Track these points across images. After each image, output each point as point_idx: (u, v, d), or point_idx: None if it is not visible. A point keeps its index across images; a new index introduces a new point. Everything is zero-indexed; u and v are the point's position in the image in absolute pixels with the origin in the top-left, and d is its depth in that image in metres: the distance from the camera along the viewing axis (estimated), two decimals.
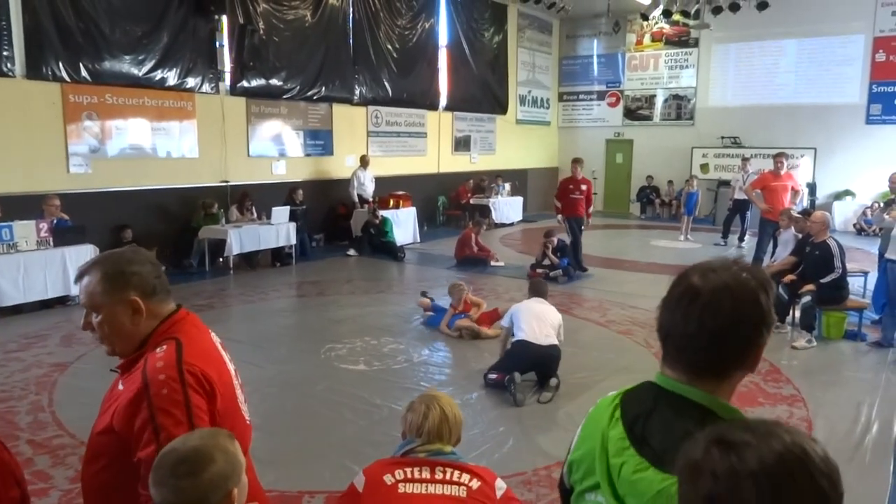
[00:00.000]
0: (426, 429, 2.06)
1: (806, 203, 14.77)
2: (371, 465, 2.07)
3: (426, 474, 1.96)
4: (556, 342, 5.55)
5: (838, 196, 16.19)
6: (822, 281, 6.78)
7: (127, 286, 1.76)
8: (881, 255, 7.39)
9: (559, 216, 10.53)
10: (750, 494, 0.85)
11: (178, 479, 1.42)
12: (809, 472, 0.87)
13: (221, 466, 1.46)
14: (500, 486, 2.02)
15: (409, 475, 1.96)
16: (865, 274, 8.71)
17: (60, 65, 8.94)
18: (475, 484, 1.96)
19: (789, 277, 7.11)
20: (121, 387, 1.77)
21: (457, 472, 1.98)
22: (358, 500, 1.99)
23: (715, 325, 1.18)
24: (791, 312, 7.23)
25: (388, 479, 1.97)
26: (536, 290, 6.04)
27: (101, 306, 1.75)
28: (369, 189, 12.73)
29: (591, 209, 10.67)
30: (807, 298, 6.80)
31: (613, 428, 1.26)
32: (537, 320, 5.58)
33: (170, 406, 1.62)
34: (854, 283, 8.50)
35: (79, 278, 1.79)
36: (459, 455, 2.06)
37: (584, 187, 10.44)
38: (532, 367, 5.48)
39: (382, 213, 12.13)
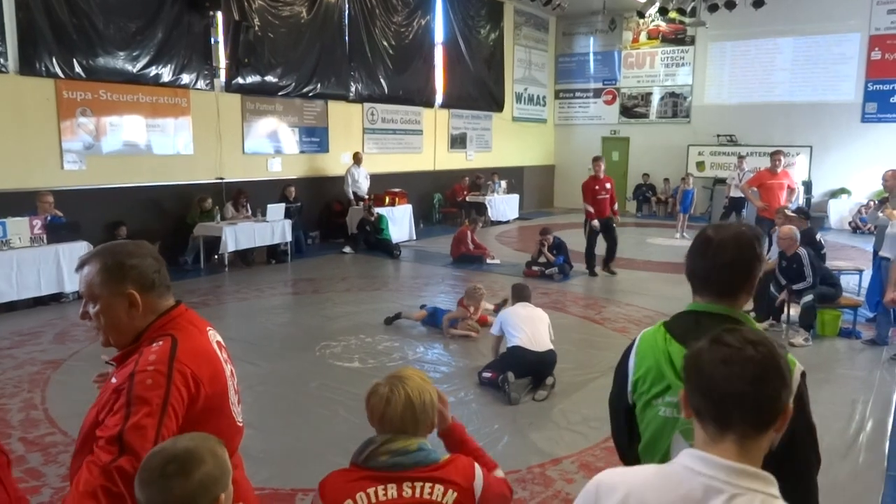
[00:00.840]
0: (388, 417, 1.82)
1: (801, 201, 14.80)
2: (328, 481, 1.81)
3: (393, 493, 1.73)
4: (551, 347, 5.53)
5: (834, 194, 16.23)
6: (794, 287, 6.89)
7: (125, 279, 1.75)
8: (875, 253, 7.41)
9: (594, 222, 9.95)
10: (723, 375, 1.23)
11: (167, 478, 1.40)
12: (767, 366, 1.23)
13: (211, 470, 1.44)
14: (478, 481, 1.83)
15: (373, 499, 1.72)
16: (860, 272, 8.73)
17: (54, 60, 8.90)
18: (451, 498, 1.75)
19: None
20: (114, 380, 1.75)
21: (428, 486, 1.74)
22: None
23: (724, 260, 1.74)
24: (787, 311, 7.25)
25: None
26: (521, 296, 5.95)
27: (98, 297, 1.75)
28: (364, 186, 12.71)
29: (615, 206, 10.34)
30: (808, 298, 6.81)
31: (671, 345, 1.75)
32: (530, 325, 5.52)
33: (148, 394, 1.60)
34: (849, 281, 8.53)
35: (79, 267, 1.79)
36: (429, 451, 1.81)
37: (608, 186, 10.05)
38: (529, 372, 5.44)
39: (378, 210, 12.11)
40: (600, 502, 1.30)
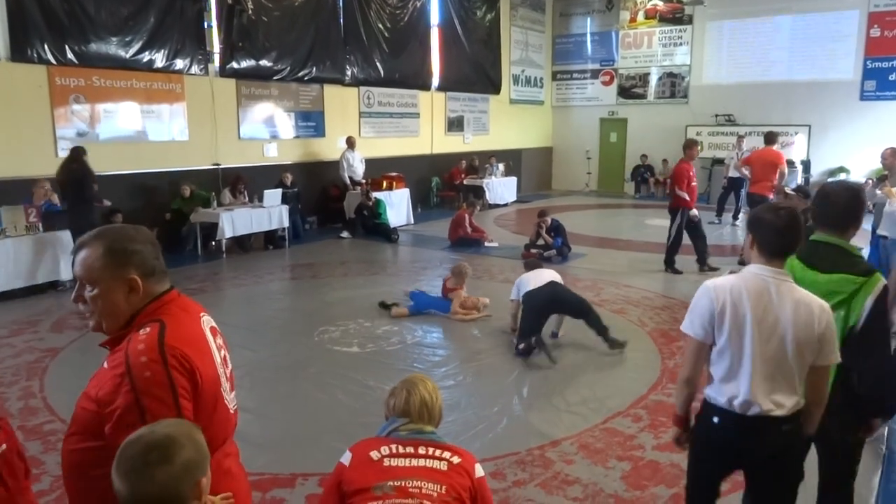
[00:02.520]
0: (408, 413, 2.19)
1: (800, 180, 14.77)
2: (357, 444, 2.18)
3: (410, 450, 2.12)
4: (555, 278, 5.99)
5: (832, 173, 16.16)
6: None
7: (128, 264, 1.73)
8: (873, 231, 7.39)
9: (693, 211, 8.81)
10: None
11: (149, 466, 1.39)
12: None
13: (192, 455, 1.44)
14: (479, 470, 2.16)
15: (393, 451, 2.11)
16: (859, 251, 8.71)
17: (46, 47, 8.80)
18: (455, 459, 2.11)
19: None
20: (105, 365, 1.74)
21: (439, 450, 2.13)
22: (343, 473, 2.11)
23: (838, 206, 2.66)
24: None
25: (374, 454, 2.11)
26: (533, 266, 6.47)
27: (98, 280, 1.72)
28: (359, 170, 12.65)
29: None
30: None
31: (793, 260, 2.58)
32: (536, 277, 5.98)
33: (154, 388, 1.60)
34: None
35: (78, 249, 1.75)
36: (439, 437, 2.20)
37: (692, 172, 9.14)
38: (551, 310, 5.85)
39: (376, 195, 12.06)
40: (717, 295, 2.30)
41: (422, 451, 2.12)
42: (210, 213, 10.01)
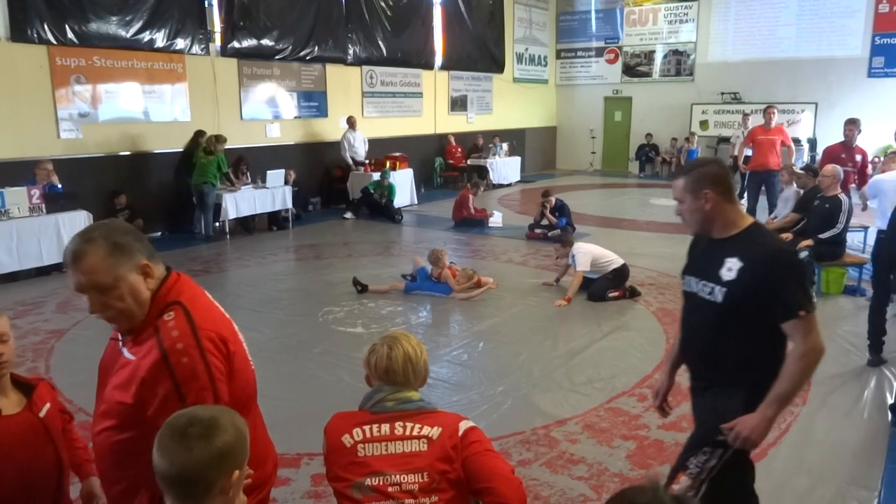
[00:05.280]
0: (392, 370, 2.02)
1: (806, 158, 14.66)
2: (330, 422, 2.03)
3: (386, 430, 1.93)
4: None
5: None
6: (821, 237, 6.71)
7: (134, 252, 1.71)
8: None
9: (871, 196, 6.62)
10: None
11: (189, 438, 1.37)
12: None
13: (233, 441, 1.42)
14: (465, 424, 1.97)
15: (367, 434, 1.93)
16: (865, 229, 8.65)
17: (46, 27, 8.73)
18: (435, 433, 1.92)
19: (786, 236, 7.05)
20: (129, 355, 1.72)
21: (417, 426, 1.94)
22: (324, 458, 2.01)
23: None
24: None
25: (346, 440, 1.94)
26: (571, 241, 7.30)
27: (117, 280, 1.67)
28: (361, 151, 12.58)
29: (864, 189, 7.74)
30: (804, 254, 6.74)
31: None
32: (598, 248, 7.14)
33: (193, 374, 1.64)
34: (854, 238, 8.46)
35: (75, 261, 1.65)
36: (427, 402, 2.02)
37: (858, 158, 8.06)
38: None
39: (389, 179, 11.86)
40: (881, 186, 4.58)
41: (398, 430, 1.93)
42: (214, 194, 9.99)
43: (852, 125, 8.42)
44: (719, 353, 2.39)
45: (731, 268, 2.30)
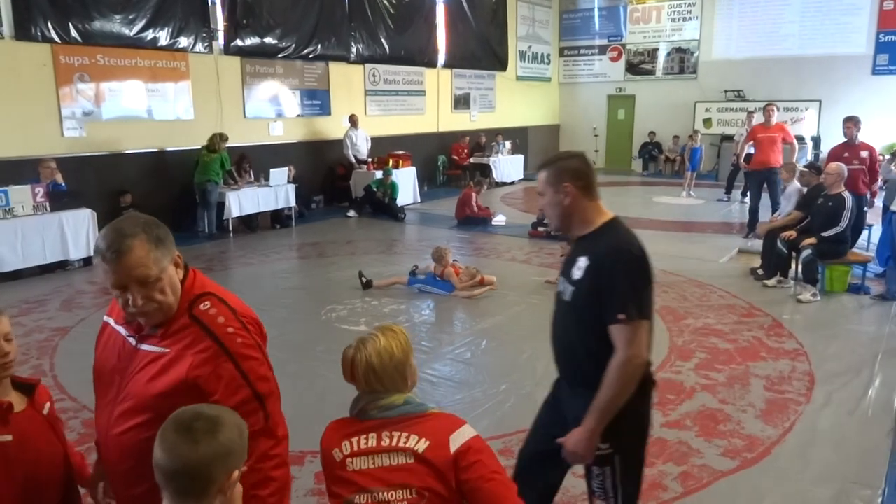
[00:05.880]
0: (356, 378, 1.94)
1: (810, 156, 14.61)
2: (323, 434, 1.97)
3: (373, 442, 1.85)
4: None
5: None
6: (824, 235, 6.69)
7: (170, 244, 1.74)
8: (886, 208, 7.31)
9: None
10: None
11: (194, 432, 1.37)
12: None
13: (236, 440, 1.42)
14: (459, 437, 1.83)
15: (355, 448, 1.86)
16: (869, 227, 8.64)
17: (49, 25, 8.74)
18: (422, 446, 1.81)
19: (789, 234, 7.03)
20: (158, 349, 1.70)
21: (404, 436, 1.84)
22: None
23: None
24: (794, 266, 7.17)
25: (336, 454, 1.88)
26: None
27: (162, 271, 1.69)
28: (363, 149, 12.57)
29: (875, 185, 8.12)
30: (807, 252, 6.73)
31: None
32: None
33: (249, 351, 1.73)
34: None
35: (120, 257, 1.62)
36: (416, 404, 1.91)
37: (863, 154, 8.00)
38: None
39: (391, 174, 11.89)
40: None
41: (385, 441, 1.84)
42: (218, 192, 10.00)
43: (850, 122, 8.40)
44: (574, 354, 2.31)
45: (580, 266, 2.22)
